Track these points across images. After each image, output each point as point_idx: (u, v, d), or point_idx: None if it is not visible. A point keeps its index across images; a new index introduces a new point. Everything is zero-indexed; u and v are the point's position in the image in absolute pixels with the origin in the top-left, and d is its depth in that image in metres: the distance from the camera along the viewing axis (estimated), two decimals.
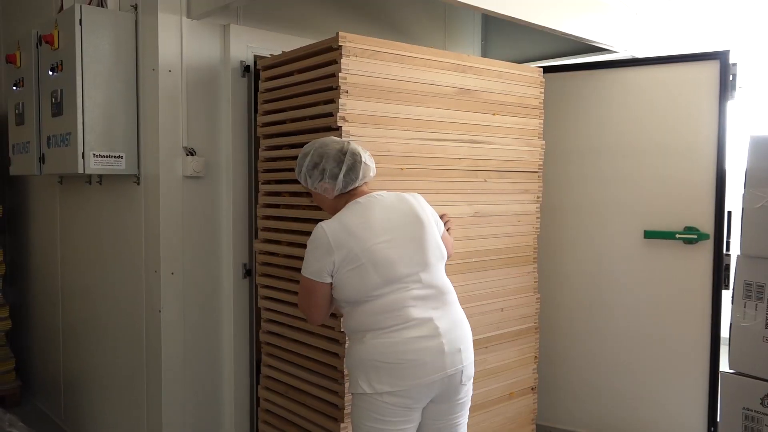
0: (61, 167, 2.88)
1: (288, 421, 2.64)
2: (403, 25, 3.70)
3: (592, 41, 3.24)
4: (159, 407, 2.77)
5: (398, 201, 2.02)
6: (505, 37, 4.14)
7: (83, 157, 2.68)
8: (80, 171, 2.68)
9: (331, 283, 1.93)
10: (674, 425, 3.20)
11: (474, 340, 2.56)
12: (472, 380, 2.04)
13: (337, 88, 2.29)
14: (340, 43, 2.28)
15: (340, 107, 2.29)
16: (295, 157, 2.33)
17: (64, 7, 2.93)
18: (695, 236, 3.09)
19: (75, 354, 3.53)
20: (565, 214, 3.43)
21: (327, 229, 1.91)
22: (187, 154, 2.76)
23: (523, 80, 2.93)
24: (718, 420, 2.99)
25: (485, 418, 2.88)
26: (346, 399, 2.31)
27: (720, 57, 3.04)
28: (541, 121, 3.03)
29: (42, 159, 3.05)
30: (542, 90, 3.02)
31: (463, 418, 2.05)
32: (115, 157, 2.77)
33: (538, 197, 3.03)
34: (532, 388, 3.11)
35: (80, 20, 2.64)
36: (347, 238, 1.89)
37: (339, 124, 2.29)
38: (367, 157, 2.02)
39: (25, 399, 4.08)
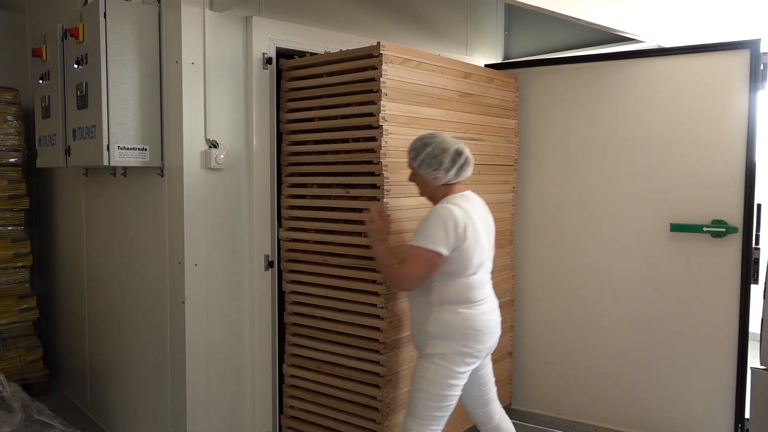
0: (86, 159, 2.91)
1: (317, 393, 2.92)
2: (425, 17, 3.67)
3: (618, 31, 3.17)
4: (183, 396, 2.80)
5: (482, 204, 2.48)
6: (528, 27, 4.08)
7: (108, 149, 2.70)
8: (105, 163, 2.71)
9: (444, 257, 2.24)
10: (700, 421, 3.15)
11: None
12: None
13: (378, 91, 2.56)
14: (381, 51, 2.55)
15: (381, 108, 2.55)
16: (323, 152, 2.81)
17: (89, 1, 2.95)
18: (723, 229, 3.03)
19: (101, 343, 3.58)
20: (591, 206, 3.39)
21: (454, 209, 2.26)
22: (210, 147, 2.77)
23: (503, 85, 3.36)
24: (747, 416, 2.95)
25: None
26: (387, 367, 2.64)
27: (750, 46, 2.97)
28: (517, 121, 3.49)
29: (68, 151, 3.08)
30: (517, 94, 3.48)
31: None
32: (139, 149, 2.79)
33: (513, 188, 3.54)
34: (510, 353, 3.60)
35: (105, 13, 2.66)
36: (467, 220, 2.27)
37: (380, 123, 2.56)
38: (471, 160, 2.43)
39: (53, 388, 4.16)
